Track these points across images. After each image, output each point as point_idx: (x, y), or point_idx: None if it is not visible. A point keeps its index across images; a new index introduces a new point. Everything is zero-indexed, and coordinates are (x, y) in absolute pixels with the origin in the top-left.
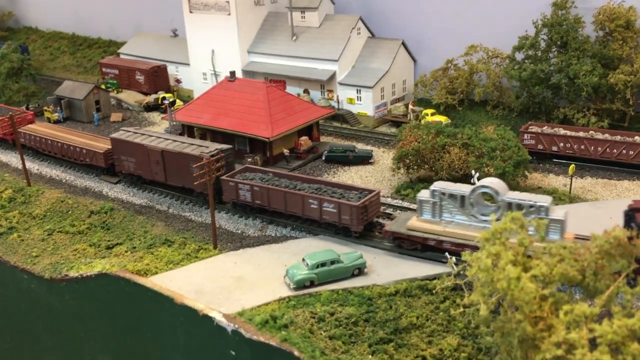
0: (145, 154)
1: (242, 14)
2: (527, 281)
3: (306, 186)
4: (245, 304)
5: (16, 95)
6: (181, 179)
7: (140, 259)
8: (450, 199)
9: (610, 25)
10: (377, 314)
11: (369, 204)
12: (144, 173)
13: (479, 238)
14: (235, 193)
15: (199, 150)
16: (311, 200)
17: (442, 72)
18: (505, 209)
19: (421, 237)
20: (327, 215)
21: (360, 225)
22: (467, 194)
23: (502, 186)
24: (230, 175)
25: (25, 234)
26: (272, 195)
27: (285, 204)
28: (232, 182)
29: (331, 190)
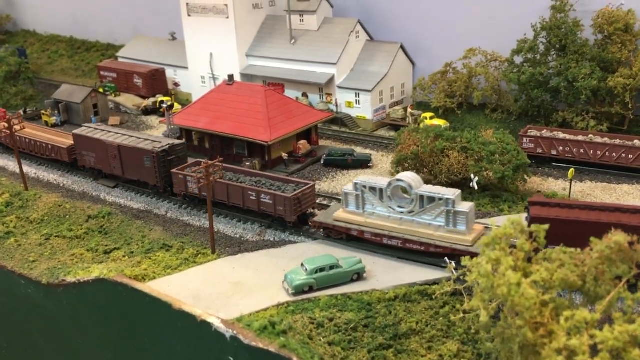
0: (104, 149)
1: (240, 18)
2: (528, 287)
3: (248, 179)
4: (243, 310)
5: (14, 99)
6: (137, 172)
7: (138, 264)
8: (371, 191)
9: (609, 28)
10: (376, 320)
11: (302, 196)
12: (104, 167)
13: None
14: (184, 185)
15: (152, 145)
16: (250, 192)
17: (440, 75)
18: (418, 201)
19: (345, 227)
20: (265, 206)
21: (293, 215)
22: (385, 187)
23: (417, 180)
24: (181, 168)
25: (22, 238)
26: (216, 188)
27: (228, 196)
28: (181, 174)
29: (270, 183)
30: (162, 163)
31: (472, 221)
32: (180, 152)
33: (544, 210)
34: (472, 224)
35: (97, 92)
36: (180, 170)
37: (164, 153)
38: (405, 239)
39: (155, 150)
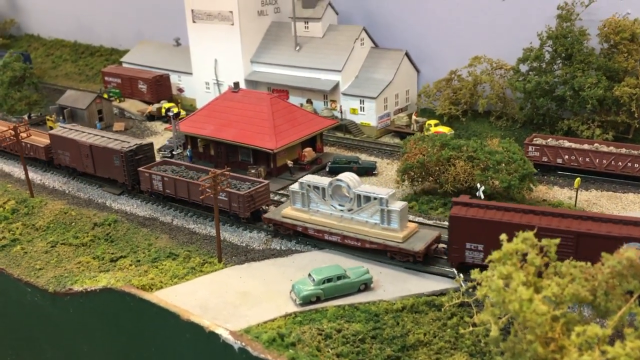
0: (77, 149)
1: (245, 24)
2: (539, 303)
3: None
4: (251, 320)
5: (18, 104)
6: (107, 170)
7: (144, 272)
8: (315, 190)
9: (615, 37)
10: (384, 331)
11: (256, 194)
12: (78, 166)
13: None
14: (150, 183)
15: (120, 145)
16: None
17: (445, 82)
18: (356, 200)
19: (291, 223)
20: (221, 203)
21: (246, 212)
22: (326, 186)
23: (355, 180)
24: (148, 167)
25: (28, 246)
26: (178, 185)
27: (189, 193)
28: (147, 173)
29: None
30: (130, 162)
31: (405, 219)
32: (147, 152)
33: (463, 210)
34: (405, 222)
35: (102, 97)
36: (147, 169)
37: (132, 152)
38: (343, 235)
39: (124, 150)
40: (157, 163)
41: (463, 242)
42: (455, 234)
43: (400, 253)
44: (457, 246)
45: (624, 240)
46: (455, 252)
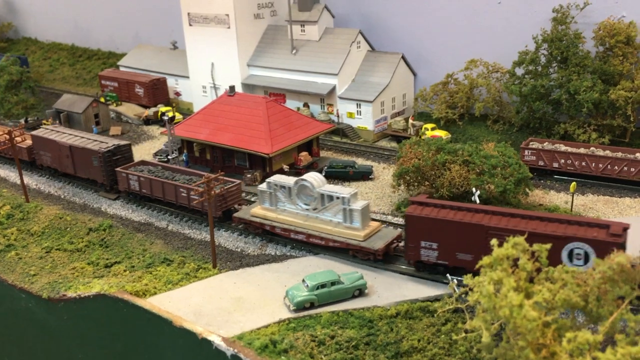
0: (58, 149)
1: (241, 27)
2: (530, 309)
3: (181, 177)
4: (244, 327)
5: (15, 108)
6: (86, 171)
7: (138, 278)
8: (282, 190)
9: (610, 40)
10: (378, 337)
11: (227, 193)
12: (58, 166)
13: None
14: (127, 183)
15: (99, 145)
16: (181, 189)
17: (442, 86)
18: (320, 199)
19: (259, 222)
20: (194, 201)
21: (218, 211)
22: (292, 186)
23: (319, 180)
24: (125, 167)
25: (23, 251)
26: (154, 185)
27: (164, 193)
28: (123, 173)
29: (198, 180)
30: (108, 162)
31: (367, 218)
32: (125, 152)
33: (418, 209)
34: (367, 221)
35: (99, 101)
36: (124, 169)
37: (109, 153)
38: (308, 233)
39: (101, 151)
40: (134, 163)
41: (418, 240)
42: (410, 232)
43: (361, 251)
44: (412, 244)
45: (568, 240)
46: (412, 251)
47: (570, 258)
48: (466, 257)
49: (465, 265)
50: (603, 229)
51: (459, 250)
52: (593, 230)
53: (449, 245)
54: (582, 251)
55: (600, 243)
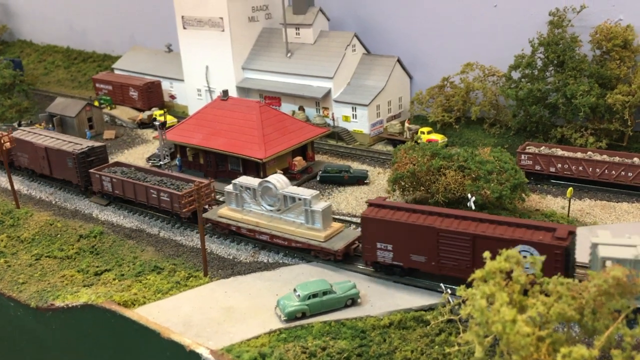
0: (34, 151)
1: (236, 30)
2: (523, 324)
3: (153, 179)
4: (234, 338)
5: (8, 112)
6: (62, 172)
7: (128, 287)
8: (247, 191)
9: (607, 44)
10: (370, 348)
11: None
12: (35, 167)
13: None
14: (100, 184)
15: (73, 147)
16: (152, 190)
17: (438, 89)
18: (283, 201)
19: (225, 222)
20: (164, 203)
21: (187, 211)
22: (257, 187)
23: (283, 181)
24: (99, 168)
25: (12, 259)
26: (126, 186)
27: (135, 194)
28: (97, 174)
29: (170, 182)
30: (82, 163)
31: (329, 219)
32: (100, 154)
33: (374, 211)
34: (329, 222)
35: (92, 105)
36: (97, 171)
37: (83, 154)
38: (272, 234)
39: (75, 152)
40: (108, 165)
41: (374, 242)
42: (366, 234)
43: (322, 252)
44: (369, 246)
45: (515, 243)
46: (368, 252)
47: None
48: (419, 259)
49: (419, 266)
50: (549, 232)
51: (413, 252)
52: (539, 234)
53: (403, 246)
54: (529, 254)
55: (545, 246)
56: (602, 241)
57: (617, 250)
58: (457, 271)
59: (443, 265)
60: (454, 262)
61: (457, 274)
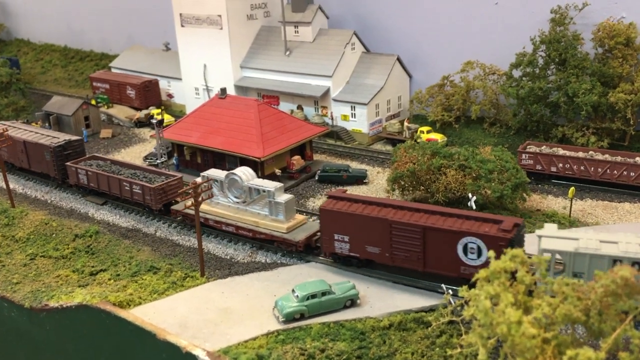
0: (13, 144)
1: (234, 29)
2: (529, 326)
3: (126, 171)
4: (231, 339)
5: (5, 110)
6: (40, 165)
7: (123, 287)
8: (215, 183)
9: (609, 42)
10: (370, 350)
11: (167, 187)
12: (15, 161)
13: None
14: (76, 177)
15: (50, 140)
16: (125, 183)
17: (438, 88)
18: (248, 193)
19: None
20: (136, 195)
21: (158, 204)
22: (223, 179)
23: (249, 174)
24: (75, 162)
25: (7, 258)
26: (100, 179)
27: (109, 186)
28: (73, 167)
29: (143, 175)
30: (59, 157)
31: (292, 211)
32: (77, 148)
33: (332, 203)
34: (292, 214)
35: (89, 104)
36: (74, 164)
37: (60, 148)
38: (237, 225)
39: (52, 145)
40: (85, 158)
41: (332, 233)
42: (324, 225)
43: (284, 243)
44: (327, 237)
45: (462, 235)
46: (327, 243)
47: (465, 252)
48: (374, 250)
49: (374, 258)
50: (496, 225)
51: (368, 244)
52: (486, 226)
53: (359, 238)
54: (475, 245)
55: (490, 238)
56: (546, 233)
57: (558, 242)
58: (409, 262)
59: (396, 257)
60: (406, 254)
61: (409, 265)
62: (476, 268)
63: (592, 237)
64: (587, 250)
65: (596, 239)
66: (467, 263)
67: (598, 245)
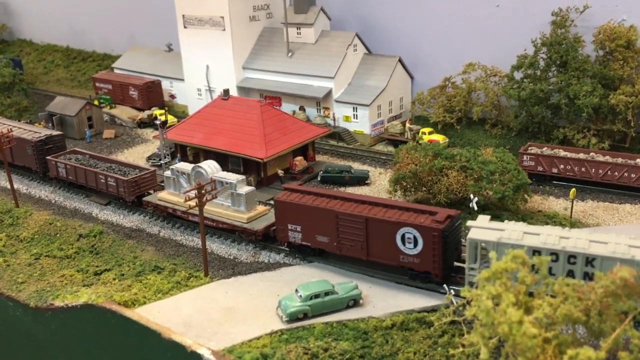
0: None
1: (237, 30)
2: (530, 325)
3: (102, 165)
4: (235, 339)
5: (8, 110)
6: (23, 159)
7: (128, 287)
8: (183, 176)
9: (610, 44)
10: (372, 349)
11: (140, 179)
12: None
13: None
14: (56, 170)
15: (32, 135)
16: (100, 176)
17: (439, 90)
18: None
19: (163, 205)
20: (111, 188)
21: (131, 196)
22: (189, 171)
23: (214, 167)
24: (55, 156)
25: (11, 258)
26: (78, 172)
27: (86, 179)
28: (53, 161)
29: (118, 168)
30: (40, 151)
31: (253, 203)
32: (58, 142)
33: (286, 195)
34: (253, 205)
35: (92, 104)
36: (54, 158)
37: (41, 142)
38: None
39: (34, 140)
40: (65, 152)
41: (286, 223)
42: (279, 216)
43: (244, 232)
44: (282, 227)
45: (400, 225)
46: (282, 233)
47: (403, 242)
48: (324, 240)
49: (324, 247)
50: (430, 216)
51: (318, 233)
52: (421, 217)
53: (310, 228)
54: (412, 235)
55: (424, 228)
56: (475, 224)
57: (484, 233)
58: (354, 251)
59: (342, 246)
60: (351, 243)
61: (354, 254)
62: (413, 257)
63: (517, 229)
64: (509, 240)
65: (521, 230)
66: (405, 252)
67: (520, 236)
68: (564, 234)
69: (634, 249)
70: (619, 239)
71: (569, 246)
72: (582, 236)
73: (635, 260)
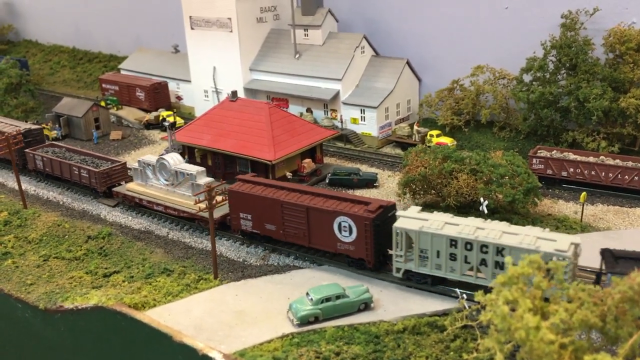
0: None
1: (244, 31)
2: (547, 331)
3: (77, 157)
4: (246, 342)
5: (15, 111)
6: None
7: (137, 290)
8: (148, 167)
9: (620, 47)
10: (384, 354)
11: (111, 171)
12: None
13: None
14: (34, 163)
15: (11, 128)
16: (74, 167)
17: (447, 92)
18: (175, 176)
19: (131, 196)
20: (84, 179)
21: (102, 187)
22: (154, 163)
23: (177, 159)
24: (34, 149)
25: (20, 259)
26: (54, 164)
27: (61, 171)
28: (31, 153)
29: (91, 160)
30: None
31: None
32: (37, 136)
33: (239, 185)
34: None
35: (99, 105)
36: (32, 151)
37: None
38: (165, 205)
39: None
40: (43, 145)
41: (238, 212)
42: (232, 205)
43: (203, 220)
44: (235, 216)
45: (337, 214)
46: (235, 221)
47: (340, 230)
48: (271, 227)
49: (271, 234)
50: (364, 206)
51: (266, 222)
52: (356, 207)
53: (259, 216)
54: (347, 224)
55: (357, 217)
56: (403, 214)
57: (408, 222)
58: (297, 238)
59: (287, 233)
60: (295, 230)
61: (298, 240)
62: (349, 245)
63: (440, 219)
64: (429, 229)
65: (443, 221)
66: (342, 240)
67: (440, 225)
68: (481, 225)
69: (541, 240)
70: (531, 231)
71: (482, 236)
72: (497, 228)
73: (540, 251)
